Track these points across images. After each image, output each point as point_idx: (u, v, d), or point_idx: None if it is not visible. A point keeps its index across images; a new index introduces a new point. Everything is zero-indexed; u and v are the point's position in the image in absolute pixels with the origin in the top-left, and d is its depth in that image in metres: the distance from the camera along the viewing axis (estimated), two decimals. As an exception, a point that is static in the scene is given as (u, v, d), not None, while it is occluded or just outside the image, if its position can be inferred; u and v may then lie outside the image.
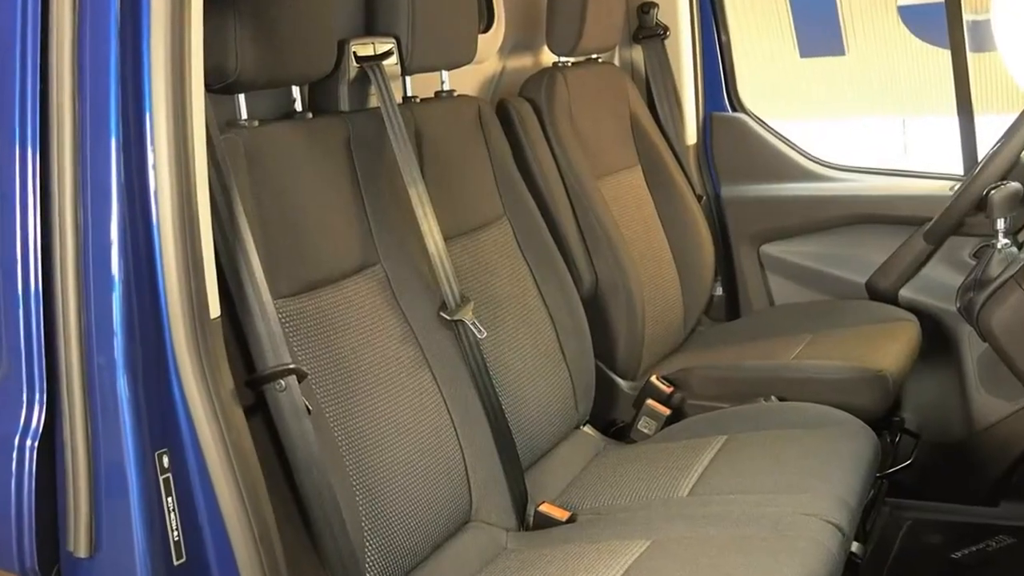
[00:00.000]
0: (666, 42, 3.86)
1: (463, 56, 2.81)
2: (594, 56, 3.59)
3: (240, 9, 2.05)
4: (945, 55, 3.58)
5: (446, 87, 2.89)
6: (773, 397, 3.01)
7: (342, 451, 2.11)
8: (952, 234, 3.45)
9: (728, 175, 3.94)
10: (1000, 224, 3.19)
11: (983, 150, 3.43)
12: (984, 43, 4.27)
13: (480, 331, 2.49)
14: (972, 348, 3.41)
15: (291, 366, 1.96)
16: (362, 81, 2.50)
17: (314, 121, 2.39)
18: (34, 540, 1.62)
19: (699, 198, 3.75)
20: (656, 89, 3.85)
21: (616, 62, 3.92)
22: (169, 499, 1.59)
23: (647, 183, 3.64)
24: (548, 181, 3.15)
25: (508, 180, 2.94)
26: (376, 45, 2.52)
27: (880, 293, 3.60)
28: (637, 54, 3.93)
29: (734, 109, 3.99)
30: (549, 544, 2.37)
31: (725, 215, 3.92)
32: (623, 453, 2.89)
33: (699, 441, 2.74)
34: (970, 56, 3.53)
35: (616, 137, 3.58)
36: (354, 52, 2.47)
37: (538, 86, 3.28)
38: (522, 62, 3.51)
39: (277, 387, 1.94)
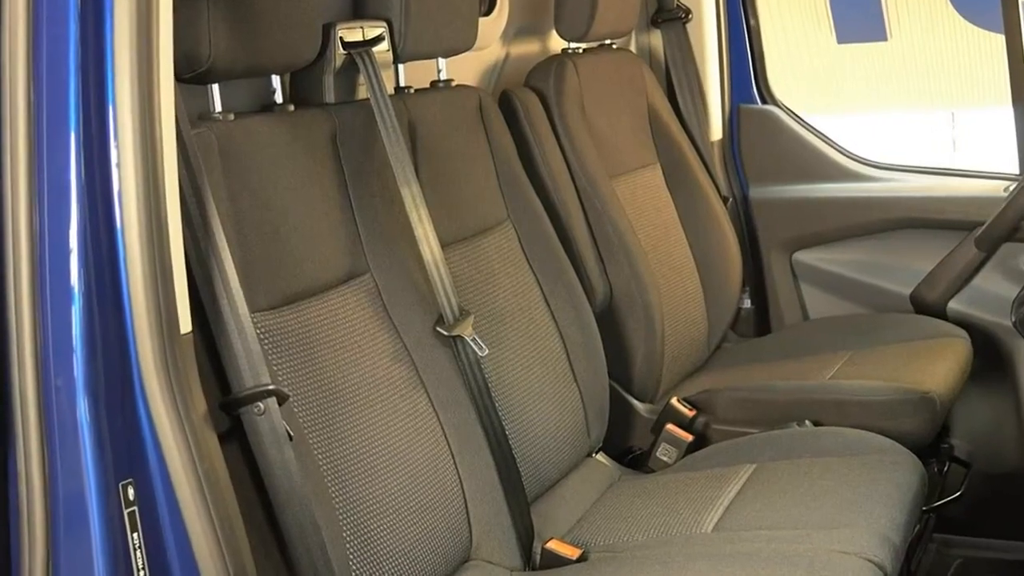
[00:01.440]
0: (688, 26, 3.88)
1: (462, 42, 2.81)
2: (608, 42, 3.59)
3: (214, -11, 2.06)
4: (999, 40, 3.59)
5: (443, 76, 2.89)
6: (807, 421, 3.01)
7: (327, 481, 2.11)
8: (1007, 240, 3.45)
9: (757, 174, 3.94)
10: (1060, 229, 3.20)
11: (1041, 146, 3.44)
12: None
13: (481, 348, 2.49)
14: (1029, 367, 3.41)
15: (270, 387, 1.96)
16: (349, 70, 2.50)
17: (296, 114, 2.40)
18: (-16, 581, 1.62)
19: (725, 200, 3.76)
20: (677, 78, 3.85)
21: (633, 48, 3.93)
22: (135, 535, 1.59)
23: (667, 183, 3.64)
24: (557, 181, 3.16)
25: (512, 180, 2.94)
26: (365, 30, 2.53)
27: (926, 306, 3.60)
28: (656, 39, 3.94)
29: (764, 101, 4.00)
30: (558, 586, 2.37)
31: (754, 219, 3.92)
32: (640, 484, 2.89)
33: (725, 471, 2.75)
34: (1027, 41, 3.54)
35: (632, 132, 3.58)
36: (341, 37, 2.48)
37: (546, 75, 3.29)
38: (528, 48, 3.52)
39: (255, 410, 1.94)
